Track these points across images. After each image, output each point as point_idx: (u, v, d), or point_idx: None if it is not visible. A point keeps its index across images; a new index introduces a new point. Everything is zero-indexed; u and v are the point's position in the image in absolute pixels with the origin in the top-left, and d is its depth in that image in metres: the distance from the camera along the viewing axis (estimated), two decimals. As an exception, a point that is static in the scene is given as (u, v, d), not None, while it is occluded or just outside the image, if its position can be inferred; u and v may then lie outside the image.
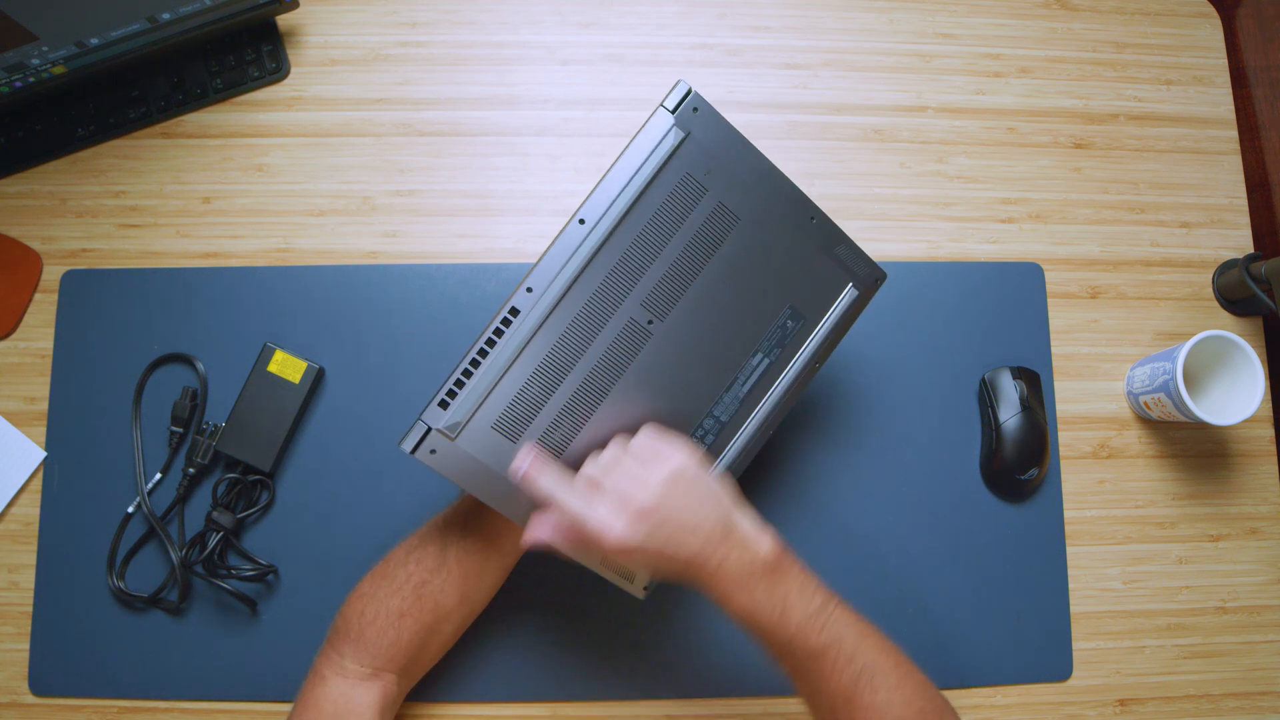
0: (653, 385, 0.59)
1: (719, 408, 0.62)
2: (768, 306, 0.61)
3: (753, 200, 0.60)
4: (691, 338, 0.60)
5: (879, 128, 0.84)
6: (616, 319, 0.58)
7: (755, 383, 0.62)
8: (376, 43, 0.83)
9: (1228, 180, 0.84)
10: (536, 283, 0.57)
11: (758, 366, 0.62)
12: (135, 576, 0.73)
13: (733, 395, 0.62)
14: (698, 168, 0.59)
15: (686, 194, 0.58)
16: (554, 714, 0.72)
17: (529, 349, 0.57)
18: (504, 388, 0.57)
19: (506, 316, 0.56)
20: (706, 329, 0.60)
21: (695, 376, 0.61)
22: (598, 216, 0.57)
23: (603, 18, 0.84)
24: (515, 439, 0.57)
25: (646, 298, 0.59)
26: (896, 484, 0.77)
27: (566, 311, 0.57)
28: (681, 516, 0.54)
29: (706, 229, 0.59)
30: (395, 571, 0.62)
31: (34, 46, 0.69)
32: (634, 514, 0.53)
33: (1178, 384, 0.71)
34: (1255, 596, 0.77)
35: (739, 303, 0.60)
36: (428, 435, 0.56)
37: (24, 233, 0.78)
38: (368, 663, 0.60)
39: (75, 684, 0.71)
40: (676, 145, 0.58)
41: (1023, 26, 0.86)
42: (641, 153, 0.57)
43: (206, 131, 0.81)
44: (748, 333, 0.61)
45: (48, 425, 0.75)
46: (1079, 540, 0.77)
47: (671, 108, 0.58)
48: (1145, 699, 0.75)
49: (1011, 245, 0.82)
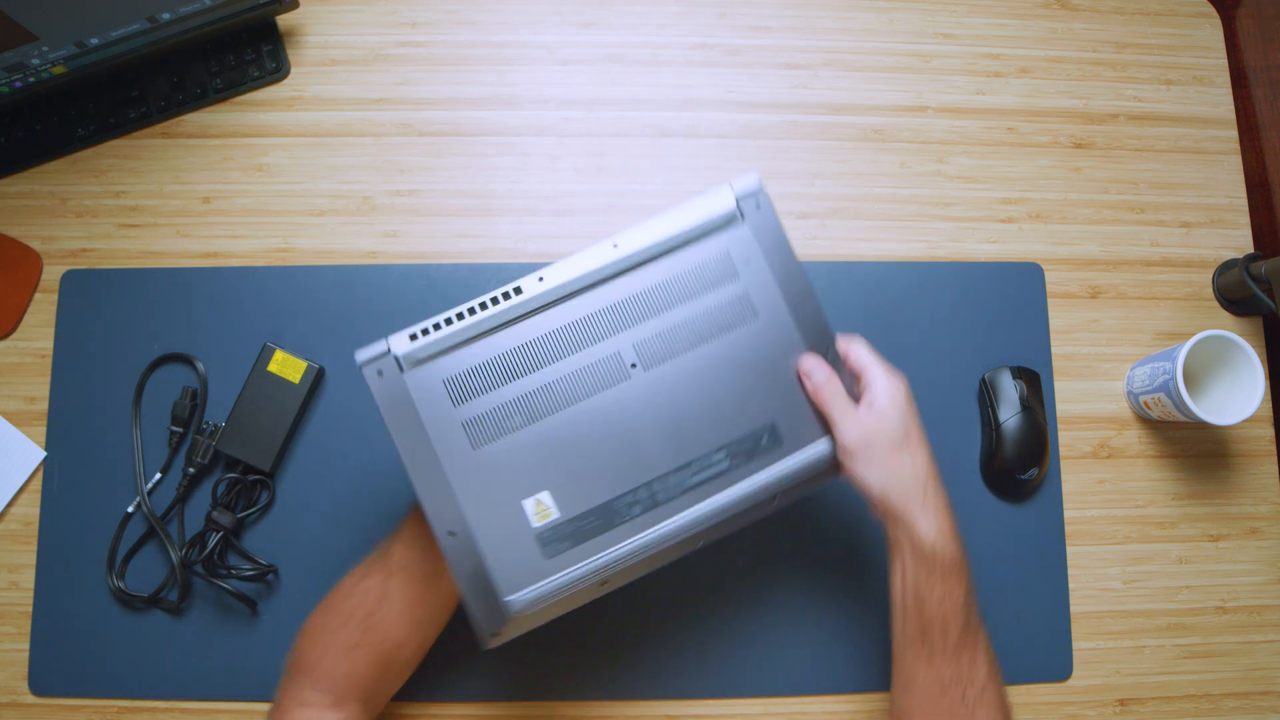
0: (608, 425, 0.57)
1: (661, 485, 0.57)
2: (751, 412, 0.58)
3: (778, 306, 0.59)
4: (665, 401, 0.58)
5: (879, 128, 0.84)
6: (605, 345, 0.57)
7: (707, 479, 0.58)
8: (376, 43, 0.83)
9: (1228, 180, 0.84)
10: (550, 277, 0.57)
11: (716, 464, 0.58)
12: (135, 576, 0.73)
13: (680, 479, 0.57)
14: (739, 252, 0.59)
15: (719, 269, 0.59)
16: (554, 714, 0.72)
17: (513, 329, 0.57)
18: (472, 352, 0.56)
19: (509, 291, 0.56)
20: (683, 400, 0.58)
21: (651, 441, 0.57)
22: (632, 248, 0.58)
23: (603, 18, 0.85)
24: (458, 403, 0.56)
25: (641, 341, 0.58)
26: (896, 484, 0.76)
27: (564, 315, 0.57)
28: (907, 458, 0.57)
29: (724, 309, 0.59)
30: (342, 604, 0.61)
31: (34, 46, 0.69)
32: (888, 442, 0.57)
33: (1178, 384, 0.71)
34: (1255, 596, 0.77)
35: (725, 393, 0.58)
36: (384, 356, 0.56)
37: (24, 233, 0.78)
38: (327, 692, 0.60)
39: (75, 684, 0.71)
40: (728, 222, 0.59)
41: (1023, 26, 0.86)
42: (695, 214, 0.58)
43: (206, 131, 0.81)
44: (721, 427, 0.58)
45: (48, 425, 0.75)
46: (1079, 540, 0.77)
47: (738, 191, 0.59)
48: (1145, 699, 0.75)
49: (1011, 245, 0.82)
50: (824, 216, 0.82)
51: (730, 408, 0.58)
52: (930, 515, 0.57)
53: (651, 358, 0.58)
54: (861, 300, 0.79)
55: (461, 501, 0.55)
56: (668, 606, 0.73)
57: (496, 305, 0.56)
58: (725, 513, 0.58)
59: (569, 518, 0.56)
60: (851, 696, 0.74)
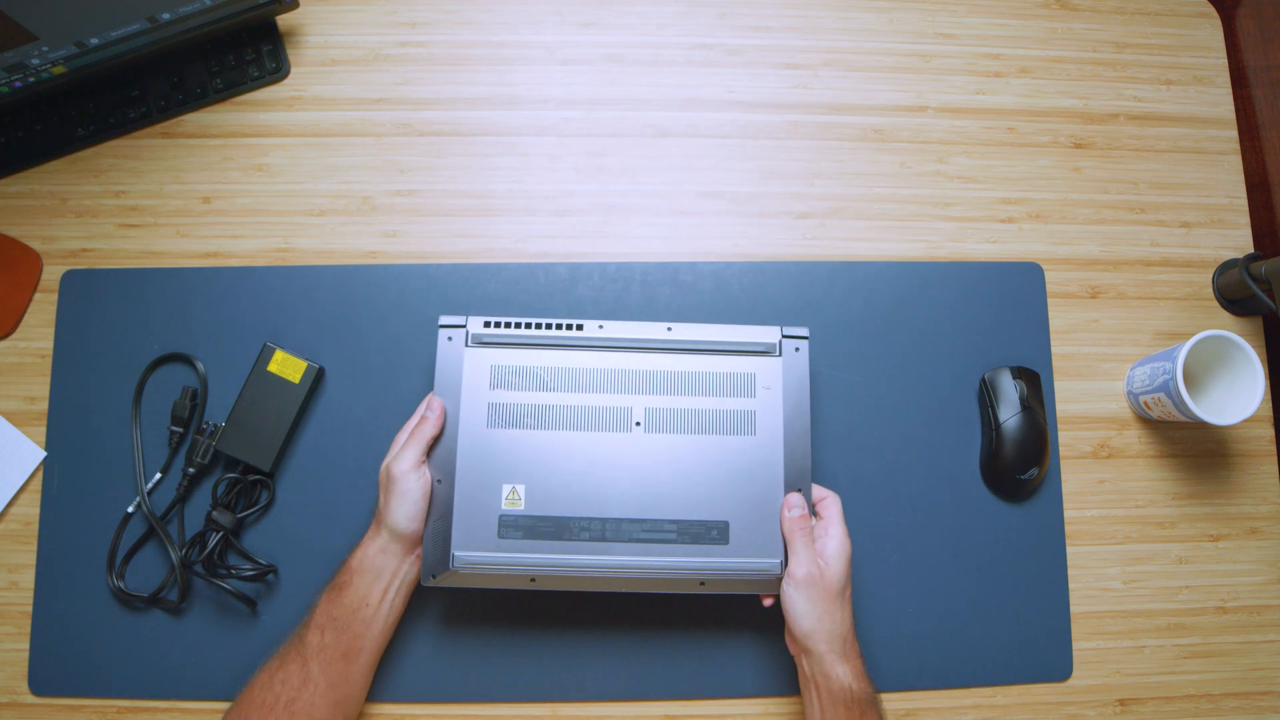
0: (596, 460, 0.66)
1: (613, 526, 0.65)
2: (712, 505, 0.66)
3: (776, 435, 0.67)
4: (650, 463, 0.66)
5: (879, 128, 0.84)
6: (625, 399, 0.67)
7: (651, 539, 0.65)
8: (376, 43, 0.83)
9: (1228, 180, 0.84)
10: (608, 328, 0.68)
11: (665, 531, 0.66)
12: (135, 576, 0.73)
13: (630, 529, 0.65)
14: (764, 379, 0.68)
15: (742, 384, 0.68)
16: (554, 714, 0.72)
17: (561, 352, 0.68)
18: (523, 354, 0.68)
19: (573, 324, 0.68)
20: (664, 470, 0.66)
21: (624, 488, 0.66)
22: (681, 336, 0.69)
23: (603, 18, 0.85)
24: (493, 386, 0.67)
25: (653, 409, 0.67)
26: (896, 484, 0.76)
27: (604, 361, 0.68)
28: (838, 610, 0.63)
29: (731, 416, 0.67)
30: (262, 695, 0.62)
31: (34, 46, 0.69)
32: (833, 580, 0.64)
33: (1178, 384, 0.71)
34: (1255, 596, 0.77)
35: (698, 481, 0.66)
36: (459, 328, 0.68)
37: (24, 233, 0.78)
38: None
39: (75, 684, 0.71)
40: (766, 351, 0.68)
41: (1023, 26, 0.86)
42: (744, 334, 0.69)
43: (206, 131, 0.81)
44: (683, 504, 0.66)
45: (48, 425, 0.75)
46: (1079, 540, 0.77)
47: (785, 331, 0.69)
48: (1145, 699, 0.75)
49: (1011, 245, 0.82)
50: (824, 216, 0.82)
51: (698, 494, 0.66)
52: (847, 663, 0.63)
53: (655, 425, 0.67)
54: (862, 300, 0.79)
55: (459, 460, 0.66)
56: (668, 607, 0.73)
57: (557, 330, 0.68)
58: (654, 573, 0.65)
59: (530, 514, 0.65)
60: (851, 696, 0.74)
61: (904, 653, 0.74)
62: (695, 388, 0.68)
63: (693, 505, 0.66)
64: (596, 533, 0.65)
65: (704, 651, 0.73)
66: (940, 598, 0.75)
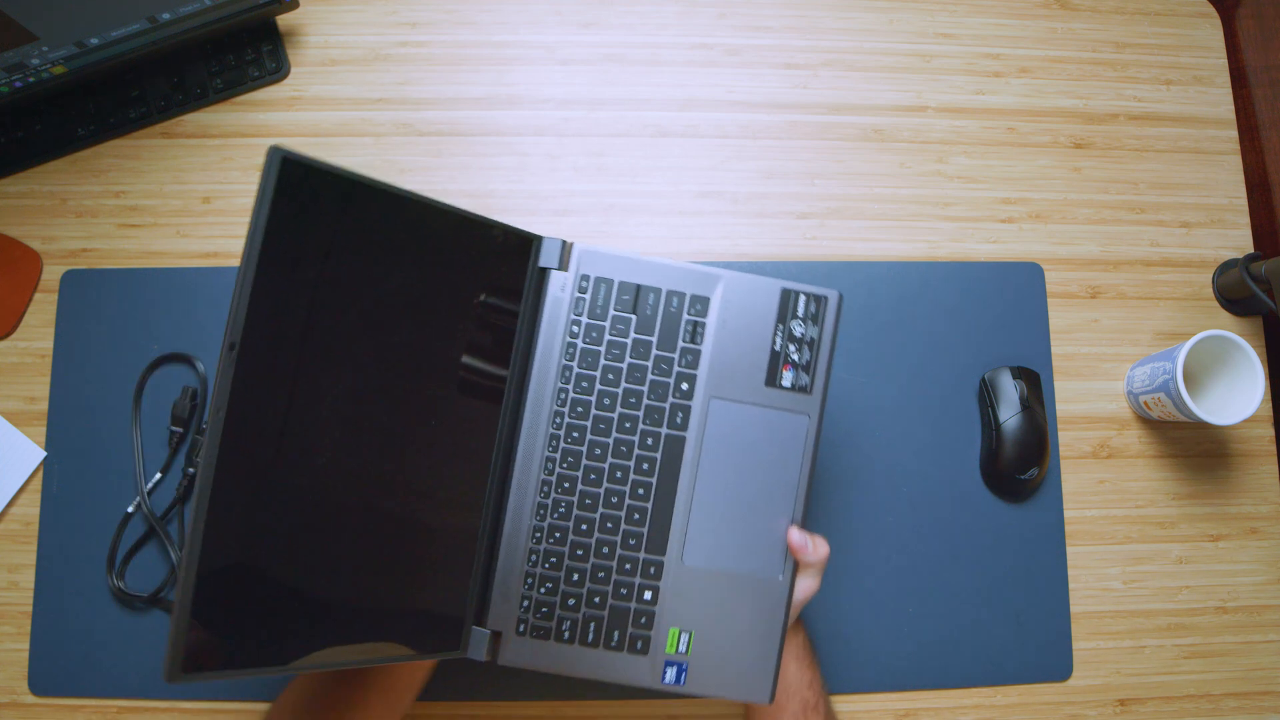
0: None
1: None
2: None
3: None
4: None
5: (879, 128, 0.84)
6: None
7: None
8: (376, 43, 0.83)
9: (1228, 180, 0.84)
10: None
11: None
12: (135, 576, 0.73)
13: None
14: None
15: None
16: (554, 714, 0.72)
17: None
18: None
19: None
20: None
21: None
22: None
23: (603, 18, 0.85)
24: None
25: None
26: (896, 484, 0.76)
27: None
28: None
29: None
30: (310, 700, 0.61)
31: (34, 46, 0.69)
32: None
33: (1178, 384, 0.71)
34: (1255, 596, 0.77)
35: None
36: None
37: (24, 233, 0.78)
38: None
39: (75, 684, 0.71)
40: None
41: (1023, 26, 0.86)
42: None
43: (206, 131, 0.81)
44: None
45: (48, 425, 0.75)
46: (1079, 540, 0.77)
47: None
48: (1145, 699, 0.75)
49: (1011, 245, 0.82)
50: (824, 216, 0.82)
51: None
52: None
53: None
54: (862, 300, 0.79)
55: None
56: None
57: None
58: None
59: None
60: (851, 697, 0.74)
61: (904, 653, 0.74)
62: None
63: None
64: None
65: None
66: (940, 598, 0.75)
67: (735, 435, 0.63)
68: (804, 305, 0.64)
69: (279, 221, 0.48)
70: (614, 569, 0.62)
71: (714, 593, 0.62)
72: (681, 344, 0.64)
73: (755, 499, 0.62)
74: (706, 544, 0.62)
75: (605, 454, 0.63)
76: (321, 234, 0.51)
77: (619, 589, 0.62)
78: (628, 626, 0.61)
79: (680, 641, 0.61)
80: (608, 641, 0.61)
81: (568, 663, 0.61)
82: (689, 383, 0.63)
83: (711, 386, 0.63)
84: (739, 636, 0.61)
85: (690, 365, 0.63)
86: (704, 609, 0.62)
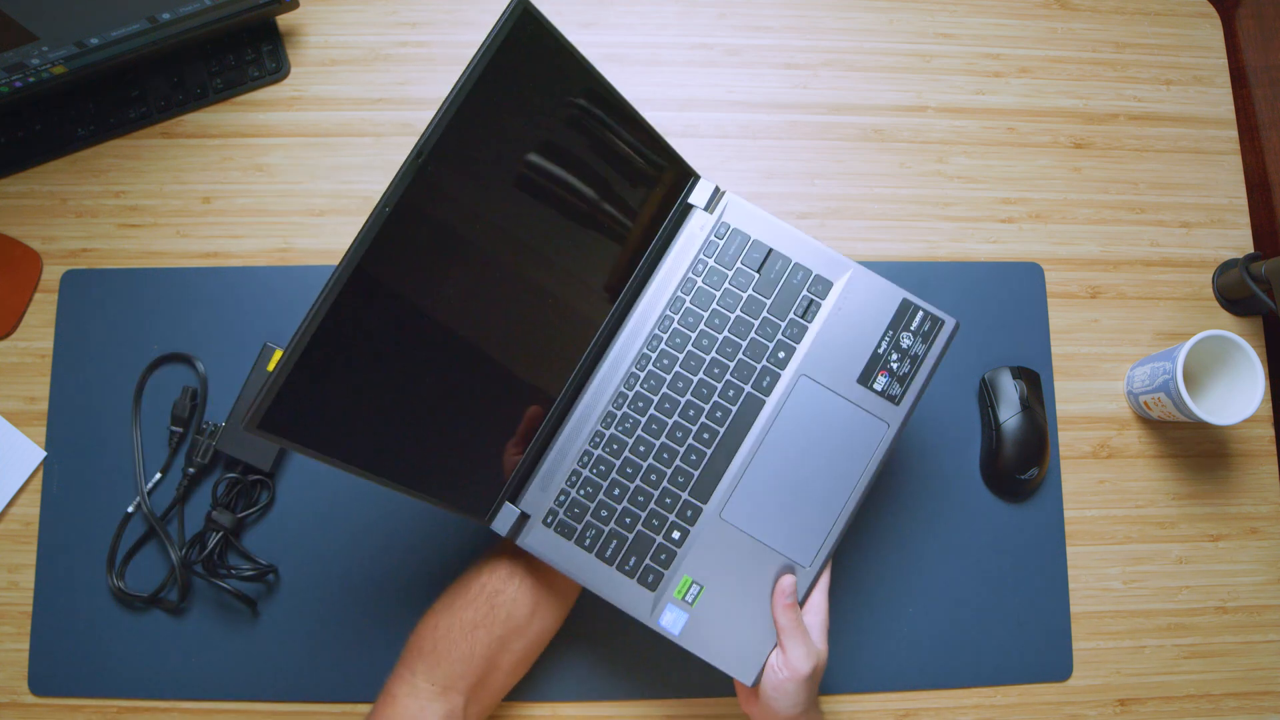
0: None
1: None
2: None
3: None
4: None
5: (879, 128, 0.84)
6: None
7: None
8: (376, 43, 0.83)
9: (1228, 180, 0.84)
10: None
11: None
12: (135, 576, 0.73)
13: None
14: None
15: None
16: (554, 714, 0.72)
17: None
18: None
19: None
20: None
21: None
22: None
23: (603, 18, 0.85)
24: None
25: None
26: (896, 484, 0.76)
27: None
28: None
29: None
30: (469, 584, 0.64)
31: (34, 46, 0.69)
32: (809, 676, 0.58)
33: (1178, 384, 0.71)
34: (1255, 596, 0.77)
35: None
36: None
37: (24, 233, 0.78)
38: (439, 680, 0.61)
39: (75, 684, 0.71)
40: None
41: (1023, 26, 0.86)
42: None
43: (206, 131, 0.81)
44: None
45: (48, 425, 0.75)
46: (1079, 540, 0.77)
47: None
48: (1145, 699, 0.75)
49: (1011, 245, 0.82)
50: (824, 216, 0.82)
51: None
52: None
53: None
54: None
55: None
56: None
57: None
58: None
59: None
60: (851, 697, 0.74)
61: (904, 653, 0.74)
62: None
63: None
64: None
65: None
66: (940, 598, 0.75)
67: (812, 418, 0.64)
68: (919, 321, 0.65)
69: (499, 62, 0.53)
70: (654, 497, 0.63)
71: (738, 556, 0.62)
72: (792, 315, 0.65)
73: (810, 484, 0.63)
74: (748, 508, 0.63)
75: (685, 390, 0.65)
76: (527, 89, 0.56)
77: (652, 519, 0.63)
78: (646, 557, 0.63)
79: (690, 591, 0.62)
80: (623, 564, 0.63)
81: (578, 568, 0.63)
82: (786, 353, 0.65)
83: (806, 365, 0.65)
84: (746, 608, 0.61)
85: (793, 338, 0.65)
86: (723, 568, 0.62)
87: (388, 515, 0.74)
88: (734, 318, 0.65)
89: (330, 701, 0.71)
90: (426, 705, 0.60)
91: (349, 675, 0.72)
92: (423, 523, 0.74)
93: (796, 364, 0.65)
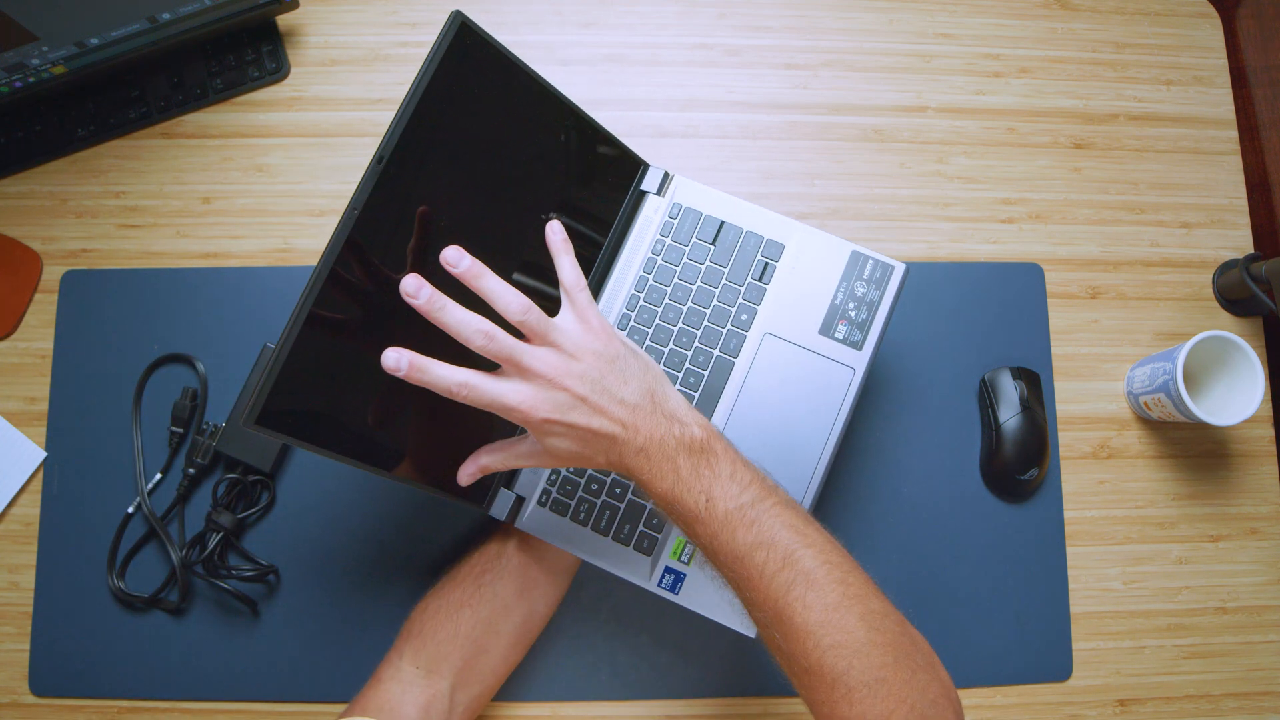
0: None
1: None
2: None
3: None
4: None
5: (879, 128, 0.84)
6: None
7: None
8: (376, 43, 0.83)
9: (1228, 180, 0.84)
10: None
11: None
12: (135, 576, 0.73)
13: None
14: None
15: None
16: (554, 714, 0.72)
17: None
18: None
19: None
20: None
21: None
22: None
23: (603, 18, 0.84)
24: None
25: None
26: (896, 484, 0.77)
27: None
28: (608, 382, 0.51)
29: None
30: (459, 567, 0.65)
31: (34, 46, 0.69)
32: (551, 381, 0.50)
33: (1178, 384, 0.71)
34: (1255, 596, 0.77)
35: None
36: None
37: (24, 233, 0.78)
38: (424, 662, 0.61)
39: (75, 684, 0.71)
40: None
41: (1023, 26, 0.86)
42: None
43: (206, 131, 0.81)
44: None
45: (48, 425, 0.75)
46: (1079, 540, 0.77)
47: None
48: (1145, 699, 0.75)
49: (1011, 245, 0.82)
50: (824, 216, 0.82)
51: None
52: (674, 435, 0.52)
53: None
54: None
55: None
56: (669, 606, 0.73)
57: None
58: None
59: None
60: (851, 696, 0.74)
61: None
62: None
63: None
64: None
65: (704, 651, 0.73)
66: (940, 598, 0.75)
67: (782, 373, 0.67)
68: (870, 269, 0.68)
69: (444, 71, 0.56)
70: None
71: None
72: (750, 279, 0.68)
73: (788, 435, 0.65)
74: None
75: (659, 361, 0.67)
76: (473, 94, 0.59)
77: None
78: (639, 523, 0.65)
79: (684, 551, 0.65)
80: (618, 533, 0.65)
81: (576, 542, 0.65)
82: (749, 315, 0.68)
83: (769, 324, 0.68)
84: None
85: (754, 300, 0.68)
86: None
87: (388, 515, 0.74)
88: (695, 288, 0.69)
89: (330, 702, 0.71)
90: (409, 687, 0.60)
91: (349, 675, 0.71)
92: (423, 523, 0.74)
93: (760, 324, 0.68)
